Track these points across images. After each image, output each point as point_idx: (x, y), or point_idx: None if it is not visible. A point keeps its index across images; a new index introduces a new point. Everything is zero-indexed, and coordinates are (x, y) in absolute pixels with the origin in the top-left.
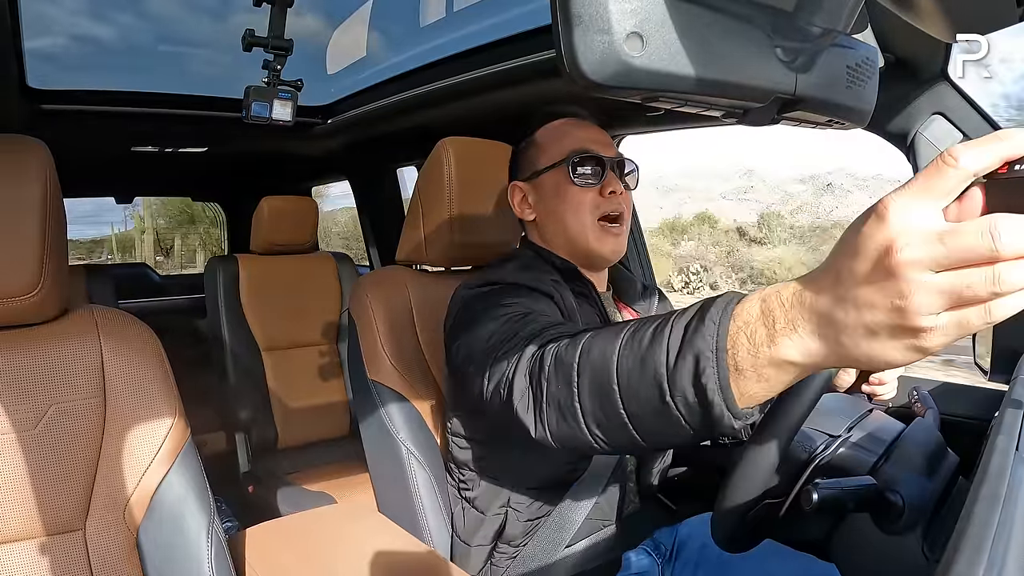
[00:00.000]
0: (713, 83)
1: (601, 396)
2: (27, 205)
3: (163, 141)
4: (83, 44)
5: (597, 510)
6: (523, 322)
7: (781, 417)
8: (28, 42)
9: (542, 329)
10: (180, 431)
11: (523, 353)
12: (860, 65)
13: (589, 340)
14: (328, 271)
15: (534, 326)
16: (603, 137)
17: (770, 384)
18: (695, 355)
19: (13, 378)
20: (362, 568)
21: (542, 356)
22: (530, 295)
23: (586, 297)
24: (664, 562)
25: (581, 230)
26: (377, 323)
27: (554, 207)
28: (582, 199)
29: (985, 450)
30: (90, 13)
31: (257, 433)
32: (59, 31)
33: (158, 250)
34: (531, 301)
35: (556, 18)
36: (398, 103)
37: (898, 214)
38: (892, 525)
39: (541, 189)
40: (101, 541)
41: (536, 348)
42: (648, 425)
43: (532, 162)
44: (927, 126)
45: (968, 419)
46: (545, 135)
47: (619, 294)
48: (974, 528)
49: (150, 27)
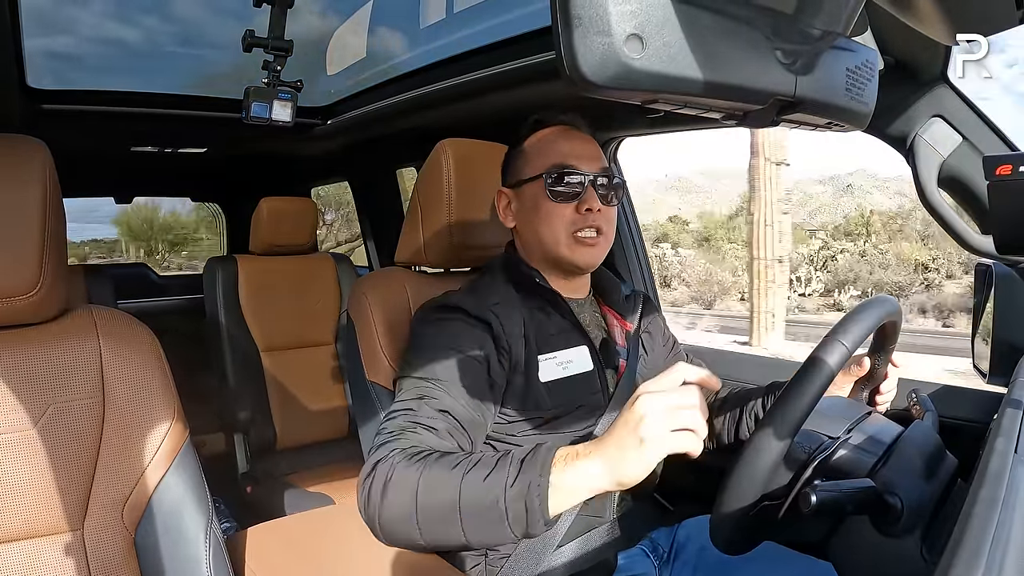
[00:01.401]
0: (713, 85)
1: (443, 509)
2: (27, 205)
3: (163, 141)
4: (107, 46)
5: (588, 508)
6: (428, 404)
7: (780, 419)
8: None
9: (426, 429)
10: (179, 431)
11: (398, 444)
12: (860, 67)
13: (440, 464)
14: (327, 272)
15: (426, 424)
16: (588, 150)
17: (572, 497)
18: (528, 480)
19: (12, 378)
20: (360, 569)
21: (401, 466)
22: (466, 329)
23: (554, 305)
24: (662, 564)
25: (555, 244)
26: (376, 324)
27: (531, 219)
28: (558, 215)
29: (984, 453)
30: (116, 16)
31: (256, 434)
32: (83, 33)
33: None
34: (465, 339)
35: (556, 20)
36: (398, 104)
37: (643, 400)
38: (891, 528)
39: (522, 199)
40: (99, 541)
41: (406, 454)
42: (477, 530)
43: (518, 170)
44: (926, 128)
45: (967, 422)
46: (532, 145)
47: (603, 297)
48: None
49: (175, 29)
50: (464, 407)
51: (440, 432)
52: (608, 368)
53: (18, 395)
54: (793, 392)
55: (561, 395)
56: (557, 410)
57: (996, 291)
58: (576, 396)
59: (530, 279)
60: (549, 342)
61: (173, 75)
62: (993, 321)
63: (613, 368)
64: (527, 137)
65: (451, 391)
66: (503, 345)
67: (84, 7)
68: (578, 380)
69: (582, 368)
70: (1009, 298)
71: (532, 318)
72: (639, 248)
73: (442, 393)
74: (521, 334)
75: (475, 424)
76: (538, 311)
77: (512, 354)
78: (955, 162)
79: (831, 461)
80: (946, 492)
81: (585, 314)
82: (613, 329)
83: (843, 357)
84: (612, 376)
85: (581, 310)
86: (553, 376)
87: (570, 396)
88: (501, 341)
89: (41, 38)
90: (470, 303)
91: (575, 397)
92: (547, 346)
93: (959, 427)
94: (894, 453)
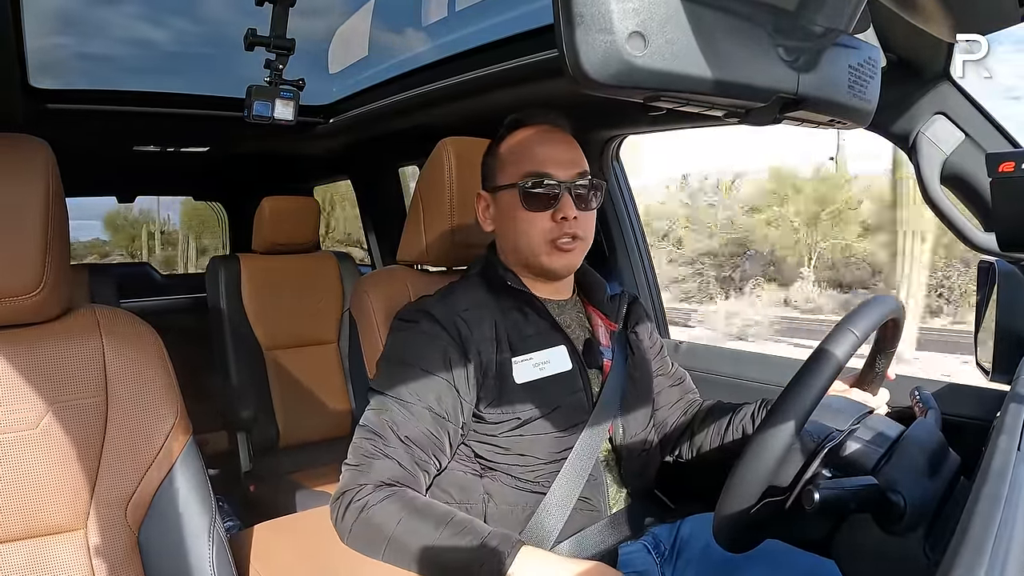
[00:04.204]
0: (715, 82)
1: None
2: (29, 204)
3: (165, 140)
4: (139, 47)
5: (584, 504)
6: (393, 431)
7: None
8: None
9: (397, 458)
10: (182, 430)
11: (366, 477)
12: (862, 65)
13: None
14: (330, 270)
15: (391, 455)
16: (565, 155)
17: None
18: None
19: (15, 377)
20: (363, 567)
21: (369, 510)
22: (431, 341)
23: (531, 306)
24: (663, 560)
25: (531, 252)
26: (378, 323)
27: (508, 225)
28: (533, 223)
29: (987, 450)
30: (147, 17)
31: (259, 432)
32: (116, 35)
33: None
34: (431, 352)
35: (558, 18)
36: (400, 103)
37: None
38: (894, 525)
39: (498, 204)
40: (102, 541)
41: (375, 493)
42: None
43: (493, 175)
44: (929, 126)
45: (970, 419)
46: (507, 149)
47: (588, 297)
48: (975, 528)
49: (203, 30)
50: (425, 431)
51: (403, 462)
52: (592, 368)
53: (21, 394)
54: (801, 382)
55: (538, 396)
56: (534, 411)
57: (999, 288)
58: (554, 397)
59: (503, 281)
60: (526, 343)
61: (205, 76)
62: (996, 319)
63: (597, 368)
64: (504, 138)
65: (413, 412)
66: (471, 351)
67: (115, 8)
68: (556, 380)
69: (560, 368)
70: (1012, 295)
71: (507, 320)
72: (643, 251)
73: (404, 417)
74: (492, 337)
75: (437, 444)
76: (514, 312)
77: (482, 358)
78: (958, 159)
79: (840, 451)
80: (949, 490)
81: (567, 315)
82: (597, 329)
83: (852, 347)
84: (597, 376)
85: (563, 311)
86: (529, 377)
87: (547, 397)
88: (469, 347)
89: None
90: (439, 310)
91: (553, 398)
92: (523, 347)
93: (962, 424)
94: (897, 451)
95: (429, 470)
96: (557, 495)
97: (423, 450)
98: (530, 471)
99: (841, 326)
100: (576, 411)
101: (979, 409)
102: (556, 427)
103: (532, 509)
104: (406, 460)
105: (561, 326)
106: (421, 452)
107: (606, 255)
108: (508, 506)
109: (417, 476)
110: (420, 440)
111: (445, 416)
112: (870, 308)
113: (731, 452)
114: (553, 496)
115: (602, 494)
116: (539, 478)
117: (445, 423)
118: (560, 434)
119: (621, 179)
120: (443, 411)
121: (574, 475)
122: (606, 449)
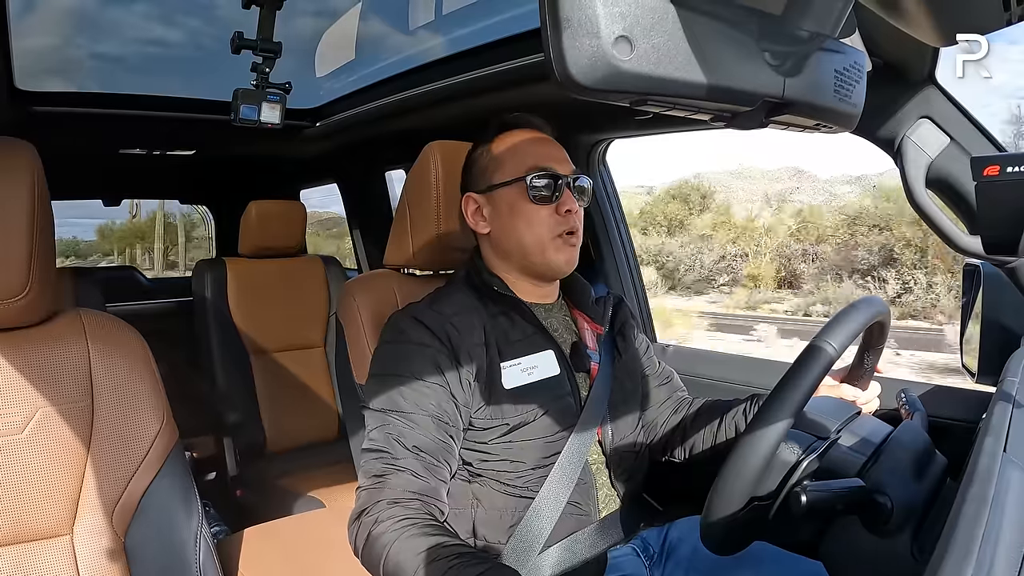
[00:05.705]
0: (701, 86)
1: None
2: (15, 207)
3: (151, 143)
4: (126, 49)
5: (574, 508)
6: (400, 443)
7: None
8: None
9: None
10: (168, 435)
11: (382, 494)
12: (848, 69)
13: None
14: (316, 275)
15: (403, 466)
16: (560, 153)
17: None
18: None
19: (0, 382)
20: (350, 572)
21: (384, 535)
22: (423, 351)
23: (518, 311)
24: (652, 564)
25: (538, 247)
26: (365, 327)
27: (510, 223)
28: (539, 216)
29: (973, 452)
30: (160, 18)
31: (245, 437)
32: (104, 38)
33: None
34: (424, 363)
35: (545, 22)
36: (386, 106)
37: None
38: (881, 527)
39: (496, 203)
40: (88, 546)
41: (391, 517)
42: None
43: (488, 175)
44: (914, 130)
45: (956, 421)
46: (503, 148)
47: (573, 301)
48: (962, 529)
49: (217, 31)
50: (432, 438)
51: (418, 471)
52: (579, 371)
53: (6, 399)
54: (792, 379)
55: (526, 401)
56: (522, 417)
57: (984, 291)
58: (542, 402)
59: (489, 286)
60: (513, 348)
61: (191, 79)
62: (981, 321)
63: (585, 371)
64: (494, 140)
65: (416, 422)
66: (463, 357)
67: (103, 11)
68: (544, 385)
69: (548, 373)
70: (997, 298)
71: (494, 325)
72: (629, 253)
73: (408, 428)
74: (481, 343)
75: (446, 449)
76: (501, 317)
77: (474, 364)
78: (943, 163)
79: (821, 463)
80: (936, 491)
81: (554, 319)
82: (584, 332)
83: (843, 344)
84: (584, 380)
85: (549, 315)
86: (518, 382)
87: (536, 402)
88: (461, 352)
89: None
90: (430, 317)
91: (541, 403)
92: (511, 352)
93: (948, 426)
94: (884, 453)
95: (444, 477)
96: (546, 500)
97: (433, 457)
98: (519, 476)
99: (829, 326)
100: (564, 415)
101: (965, 411)
102: (544, 432)
103: (521, 514)
104: (420, 469)
105: (548, 330)
106: (432, 459)
107: (592, 257)
108: (497, 511)
109: (434, 485)
110: (429, 447)
111: (448, 421)
112: (859, 307)
113: (723, 452)
114: (542, 501)
115: (591, 498)
116: (528, 483)
117: (449, 428)
118: (549, 439)
119: (607, 182)
120: (445, 416)
121: (563, 479)
122: (595, 453)
